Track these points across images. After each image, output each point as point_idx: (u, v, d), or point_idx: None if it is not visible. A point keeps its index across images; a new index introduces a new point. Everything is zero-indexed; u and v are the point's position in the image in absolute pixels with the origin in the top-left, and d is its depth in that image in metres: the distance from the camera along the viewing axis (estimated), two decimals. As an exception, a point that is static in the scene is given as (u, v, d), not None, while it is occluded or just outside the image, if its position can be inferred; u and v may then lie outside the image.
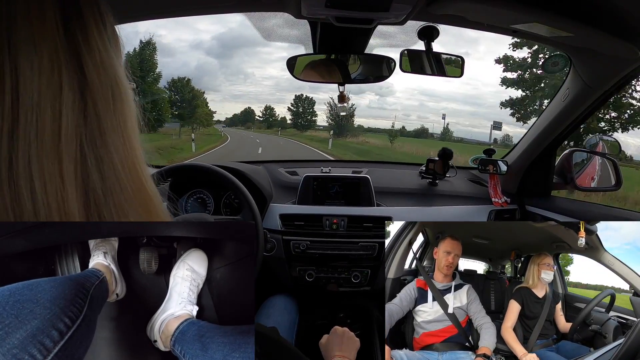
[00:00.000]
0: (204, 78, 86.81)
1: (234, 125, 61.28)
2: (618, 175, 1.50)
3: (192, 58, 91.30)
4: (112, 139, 0.44)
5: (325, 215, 1.59)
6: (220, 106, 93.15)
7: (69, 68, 0.42)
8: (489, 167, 1.72)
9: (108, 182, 0.43)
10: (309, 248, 1.54)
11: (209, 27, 19.36)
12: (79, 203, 0.42)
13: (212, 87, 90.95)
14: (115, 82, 0.46)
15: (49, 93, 0.40)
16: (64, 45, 0.42)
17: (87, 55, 0.43)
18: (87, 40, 0.43)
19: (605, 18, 0.94)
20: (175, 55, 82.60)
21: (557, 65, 1.34)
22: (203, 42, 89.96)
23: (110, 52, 0.46)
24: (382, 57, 1.30)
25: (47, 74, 0.40)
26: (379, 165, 2.14)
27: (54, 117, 0.40)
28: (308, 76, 1.31)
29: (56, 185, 0.40)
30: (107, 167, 0.43)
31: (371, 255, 1.55)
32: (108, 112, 0.44)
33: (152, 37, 24.52)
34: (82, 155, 0.42)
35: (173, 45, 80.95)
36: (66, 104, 0.41)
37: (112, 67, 0.46)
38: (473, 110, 38.23)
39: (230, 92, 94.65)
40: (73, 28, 0.43)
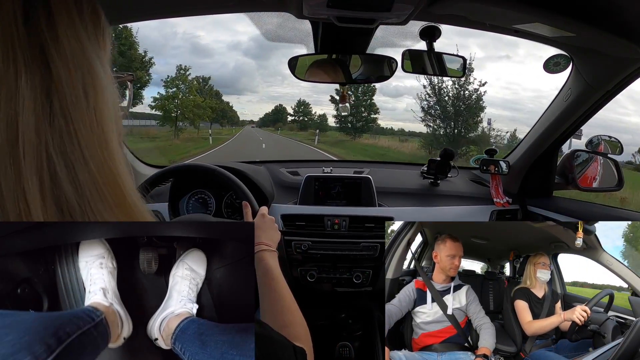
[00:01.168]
0: (242, 79, 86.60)
1: (265, 126, 55.65)
2: (620, 175, 1.49)
3: (230, 59, 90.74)
4: (85, 141, 0.39)
5: (327, 215, 1.59)
6: (258, 107, 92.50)
7: (28, 64, 0.36)
8: (491, 167, 1.72)
9: (83, 190, 0.38)
10: (311, 248, 1.54)
11: (246, 28, 19.26)
12: (48, 217, 0.37)
13: (249, 89, 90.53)
14: (87, 74, 0.40)
15: (2, 94, 0.35)
16: (23, 38, 0.36)
17: (53, 47, 0.37)
18: (53, 28, 0.38)
19: (607, 18, 0.94)
20: (213, 57, 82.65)
21: (559, 65, 1.34)
22: (240, 43, 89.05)
23: (85, 43, 0.40)
24: (383, 57, 1.30)
25: (0, 70, 0.35)
26: (380, 166, 2.14)
27: (9, 123, 0.35)
28: (309, 76, 1.31)
29: (16, 201, 0.35)
30: (80, 173, 0.38)
31: (373, 256, 1.55)
32: (79, 109, 0.39)
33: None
34: (49, 165, 0.37)
35: (211, 46, 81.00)
36: (24, 107, 0.35)
37: (83, 57, 0.40)
38: (512, 116, 37.38)
39: (267, 93, 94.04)
40: (36, 17, 0.37)
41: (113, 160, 0.41)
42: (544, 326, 0.83)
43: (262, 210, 0.96)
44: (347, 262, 1.56)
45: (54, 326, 0.44)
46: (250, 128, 52.72)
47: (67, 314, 0.57)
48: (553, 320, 0.82)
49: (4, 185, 0.35)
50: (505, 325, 0.88)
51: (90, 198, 0.38)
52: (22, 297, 0.67)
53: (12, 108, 0.35)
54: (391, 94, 58.47)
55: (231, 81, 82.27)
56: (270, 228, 0.91)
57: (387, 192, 1.78)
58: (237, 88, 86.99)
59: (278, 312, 0.67)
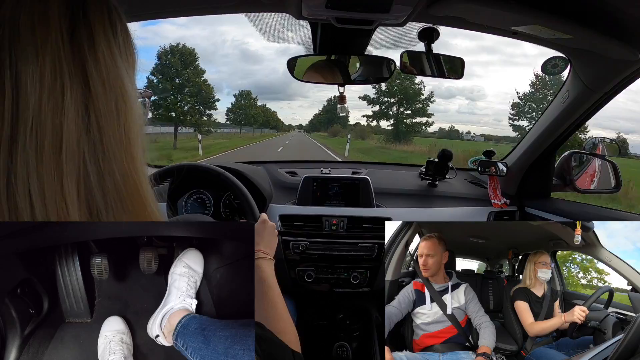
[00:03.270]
0: (292, 84, 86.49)
1: (315, 130, 52.46)
2: (617, 177, 1.50)
3: (279, 65, 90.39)
4: (114, 153, 0.42)
5: (325, 216, 1.59)
6: (310, 112, 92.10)
7: (72, 80, 0.40)
8: (489, 168, 1.72)
9: (109, 197, 0.42)
10: (309, 249, 1.54)
11: (295, 33, 19.36)
12: (81, 219, 0.40)
13: (300, 94, 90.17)
14: (120, 94, 0.44)
15: (49, 106, 0.39)
16: (69, 56, 0.40)
17: (93, 66, 0.41)
18: (93, 50, 0.42)
19: (604, 20, 0.95)
20: (262, 63, 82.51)
21: (556, 67, 1.35)
22: (289, 47, 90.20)
23: (119, 62, 0.44)
24: (382, 58, 1.30)
25: (49, 85, 0.39)
26: (378, 166, 2.15)
27: (55, 132, 0.39)
28: (308, 77, 1.31)
29: (56, 201, 0.39)
30: (108, 182, 0.42)
31: (370, 257, 1.55)
32: (112, 125, 0.43)
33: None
34: (85, 171, 0.41)
35: (260, 52, 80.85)
36: (68, 118, 0.39)
37: (118, 78, 0.44)
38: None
39: (318, 98, 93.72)
40: (79, 37, 0.41)
41: (137, 171, 0.45)
42: (545, 328, 0.83)
43: (263, 216, 0.96)
44: (345, 263, 1.56)
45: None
46: (296, 133, 52.83)
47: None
48: (554, 323, 0.83)
49: (47, 187, 0.38)
50: (506, 324, 0.88)
51: (113, 205, 0.42)
52: (22, 297, 0.67)
53: (59, 119, 0.39)
54: (444, 95, 57.49)
55: (281, 87, 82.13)
56: (270, 235, 0.91)
57: (385, 193, 1.78)
58: (287, 94, 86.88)
59: (271, 320, 0.68)
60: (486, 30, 1.11)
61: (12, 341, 0.65)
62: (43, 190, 0.38)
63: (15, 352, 0.65)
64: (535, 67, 18.73)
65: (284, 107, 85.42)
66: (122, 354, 0.69)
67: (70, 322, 0.76)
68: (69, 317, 0.75)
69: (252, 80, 78.96)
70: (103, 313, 0.77)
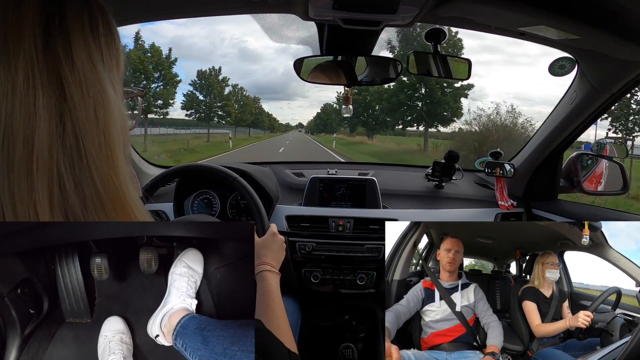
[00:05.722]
0: (292, 84, 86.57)
1: (318, 132, 55.18)
2: (625, 179, 1.49)
3: (279, 64, 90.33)
4: (93, 159, 0.41)
5: (332, 217, 1.59)
6: (310, 112, 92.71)
7: (45, 88, 0.39)
8: (496, 170, 1.72)
9: (88, 203, 0.41)
10: (315, 250, 1.55)
11: (295, 32, 19.12)
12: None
13: (300, 94, 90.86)
14: (100, 99, 0.42)
15: (21, 115, 0.38)
16: (42, 63, 0.39)
17: (68, 70, 0.40)
18: (68, 53, 0.41)
19: (612, 21, 0.94)
20: (262, 62, 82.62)
21: (564, 68, 1.34)
22: (289, 46, 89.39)
23: (98, 66, 0.43)
24: (388, 59, 1.30)
25: (21, 95, 0.38)
26: (385, 168, 2.14)
27: (26, 141, 0.38)
28: (315, 78, 1.31)
29: (27, 211, 0.38)
30: (86, 188, 0.41)
31: (377, 258, 1.55)
32: (90, 131, 0.41)
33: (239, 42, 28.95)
34: (59, 180, 0.40)
35: (260, 51, 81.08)
36: (39, 128, 0.38)
37: (97, 81, 0.43)
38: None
39: (317, 98, 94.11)
40: (54, 43, 0.40)
41: (117, 176, 0.44)
42: (550, 331, 0.83)
43: (273, 228, 0.96)
44: (351, 264, 1.56)
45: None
46: (297, 133, 54.08)
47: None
48: (560, 326, 0.82)
49: (17, 197, 0.38)
50: (513, 324, 0.88)
51: (94, 211, 0.42)
52: (22, 297, 0.68)
53: (29, 128, 0.38)
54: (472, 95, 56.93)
55: (281, 86, 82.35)
56: (279, 249, 0.92)
57: (391, 194, 1.78)
58: (287, 93, 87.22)
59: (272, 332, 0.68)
60: (493, 31, 1.11)
61: (12, 341, 0.65)
62: (13, 198, 0.38)
63: (15, 352, 0.65)
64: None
65: (283, 107, 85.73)
66: (121, 354, 0.69)
67: (70, 322, 0.76)
68: (69, 317, 0.75)
69: (252, 80, 78.88)
70: (103, 313, 0.77)
